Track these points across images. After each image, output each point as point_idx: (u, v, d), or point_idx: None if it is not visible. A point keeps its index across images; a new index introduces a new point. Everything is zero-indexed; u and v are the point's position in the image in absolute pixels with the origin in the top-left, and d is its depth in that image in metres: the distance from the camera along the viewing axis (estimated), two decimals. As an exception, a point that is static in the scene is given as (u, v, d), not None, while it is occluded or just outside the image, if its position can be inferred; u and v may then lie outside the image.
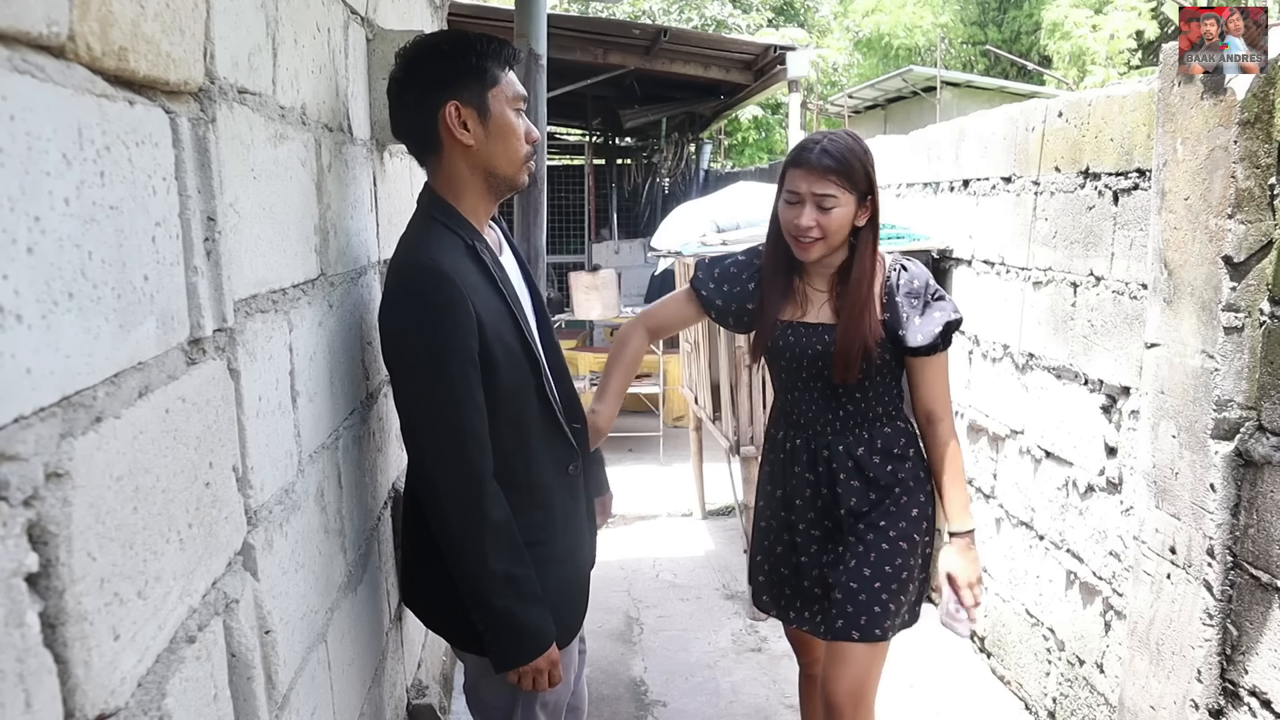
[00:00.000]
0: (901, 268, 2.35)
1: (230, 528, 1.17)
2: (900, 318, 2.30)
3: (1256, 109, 2.15)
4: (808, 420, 2.40)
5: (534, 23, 3.61)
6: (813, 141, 2.23)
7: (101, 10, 0.85)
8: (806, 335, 2.33)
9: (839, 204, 2.20)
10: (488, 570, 1.78)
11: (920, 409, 2.40)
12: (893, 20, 20.49)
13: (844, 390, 2.34)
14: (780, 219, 2.27)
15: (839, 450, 2.37)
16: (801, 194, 2.20)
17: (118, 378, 0.87)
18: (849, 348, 2.26)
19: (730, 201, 5.41)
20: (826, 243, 2.23)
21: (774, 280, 2.36)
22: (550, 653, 1.87)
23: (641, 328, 2.48)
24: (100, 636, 0.81)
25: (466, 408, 1.76)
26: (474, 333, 1.74)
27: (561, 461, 2.00)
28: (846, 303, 2.29)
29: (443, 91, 1.79)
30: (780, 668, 3.83)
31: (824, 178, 2.18)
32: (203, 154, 1.12)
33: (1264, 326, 2.13)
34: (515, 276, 2.00)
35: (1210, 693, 2.30)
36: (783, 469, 2.46)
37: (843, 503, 2.36)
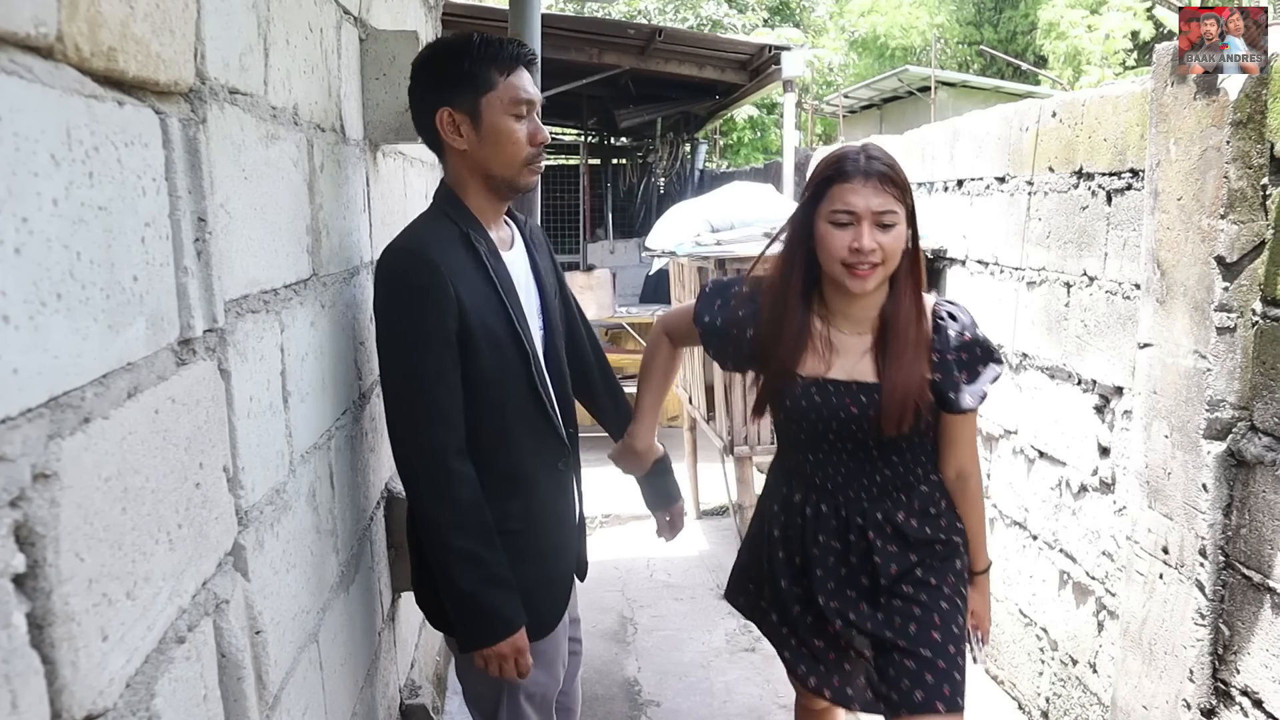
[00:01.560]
0: (949, 316, 2.03)
1: (221, 528, 1.17)
2: (952, 380, 1.99)
3: (1249, 109, 2.15)
4: (836, 485, 2.07)
5: (528, 22, 3.60)
6: (852, 153, 1.92)
7: (90, 11, 0.85)
8: (838, 396, 1.98)
9: (899, 221, 1.89)
10: (452, 548, 1.83)
11: (952, 466, 2.13)
12: (888, 21, 20.51)
13: (879, 453, 2.03)
14: (825, 246, 1.90)
15: (876, 518, 2.06)
16: (857, 211, 1.86)
17: (106, 378, 0.87)
18: (898, 416, 1.95)
19: (724, 201, 5.41)
20: (885, 269, 1.90)
21: (785, 323, 1.99)
22: (516, 639, 1.88)
23: (665, 338, 2.27)
24: (88, 637, 0.81)
25: (437, 387, 1.81)
26: (452, 315, 1.80)
27: (549, 456, 2.00)
28: (892, 357, 1.96)
29: (437, 97, 1.87)
30: (774, 668, 3.83)
31: (882, 190, 1.87)
32: (193, 154, 1.12)
33: (1256, 327, 2.13)
34: (522, 272, 2.01)
35: (1202, 692, 2.31)
36: (801, 536, 2.11)
37: (882, 571, 2.04)
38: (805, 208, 1.96)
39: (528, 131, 1.89)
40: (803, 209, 1.97)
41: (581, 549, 2.21)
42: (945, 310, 2.03)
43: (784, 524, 2.16)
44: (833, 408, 1.98)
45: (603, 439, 2.37)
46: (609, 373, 2.36)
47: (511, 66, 1.86)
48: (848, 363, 2.00)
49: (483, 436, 1.89)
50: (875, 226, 1.86)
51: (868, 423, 1.97)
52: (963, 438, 2.11)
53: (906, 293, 1.98)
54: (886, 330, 1.98)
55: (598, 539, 5.17)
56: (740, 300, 2.06)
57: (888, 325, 1.98)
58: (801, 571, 2.13)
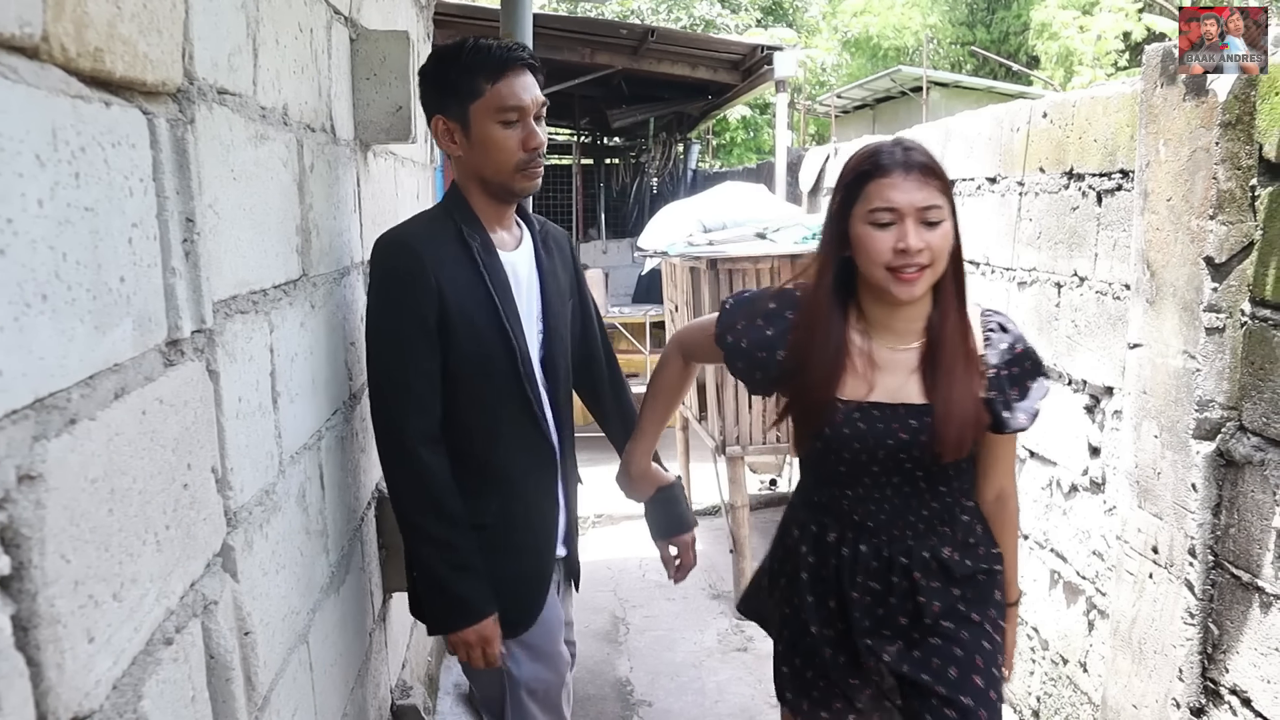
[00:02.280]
0: (1000, 327, 1.86)
1: (209, 529, 1.17)
2: (1004, 397, 1.81)
3: (1238, 110, 2.16)
4: (879, 524, 1.85)
5: (519, 22, 3.60)
6: (886, 146, 1.75)
7: (76, 11, 0.85)
8: (884, 422, 1.78)
9: (945, 217, 1.70)
10: (419, 531, 1.90)
11: (991, 488, 1.96)
12: (881, 21, 20.53)
13: (927, 484, 1.84)
14: (866, 250, 1.70)
15: (922, 557, 1.86)
16: (899, 208, 1.67)
17: (93, 379, 0.87)
18: (955, 440, 1.76)
19: (716, 201, 5.42)
20: (934, 272, 1.72)
21: (821, 340, 1.78)
22: (482, 628, 1.92)
23: (679, 356, 2.07)
24: (74, 639, 0.80)
25: (410, 372, 1.87)
26: (431, 304, 1.85)
27: (531, 455, 2.01)
28: (943, 373, 1.77)
29: (433, 105, 1.94)
30: (765, 667, 3.83)
31: (925, 183, 1.69)
32: (181, 155, 1.12)
33: (1245, 327, 2.14)
34: (525, 273, 2.02)
35: (1192, 691, 2.31)
36: (836, 579, 1.89)
37: (925, 611, 1.86)
38: (838, 210, 1.77)
39: (520, 137, 1.89)
40: (835, 212, 1.78)
41: (573, 554, 2.19)
42: (995, 321, 1.87)
43: (814, 565, 1.93)
44: (879, 435, 1.77)
45: (600, 439, 2.35)
46: (620, 387, 2.32)
47: (498, 74, 1.87)
48: (892, 383, 1.79)
49: (461, 427, 1.94)
50: (920, 224, 1.68)
51: (918, 450, 1.77)
52: (1005, 458, 1.97)
53: (952, 300, 1.79)
54: (934, 343, 1.79)
55: (590, 539, 5.17)
56: (768, 316, 1.84)
57: (935, 338, 1.79)
58: (837, 615, 1.92)
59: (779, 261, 4.32)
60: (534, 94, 1.92)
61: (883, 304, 1.78)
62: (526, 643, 2.02)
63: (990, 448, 1.91)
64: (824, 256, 1.81)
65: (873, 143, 1.80)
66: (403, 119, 2.25)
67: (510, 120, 1.89)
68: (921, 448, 1.77)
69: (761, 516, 5.60)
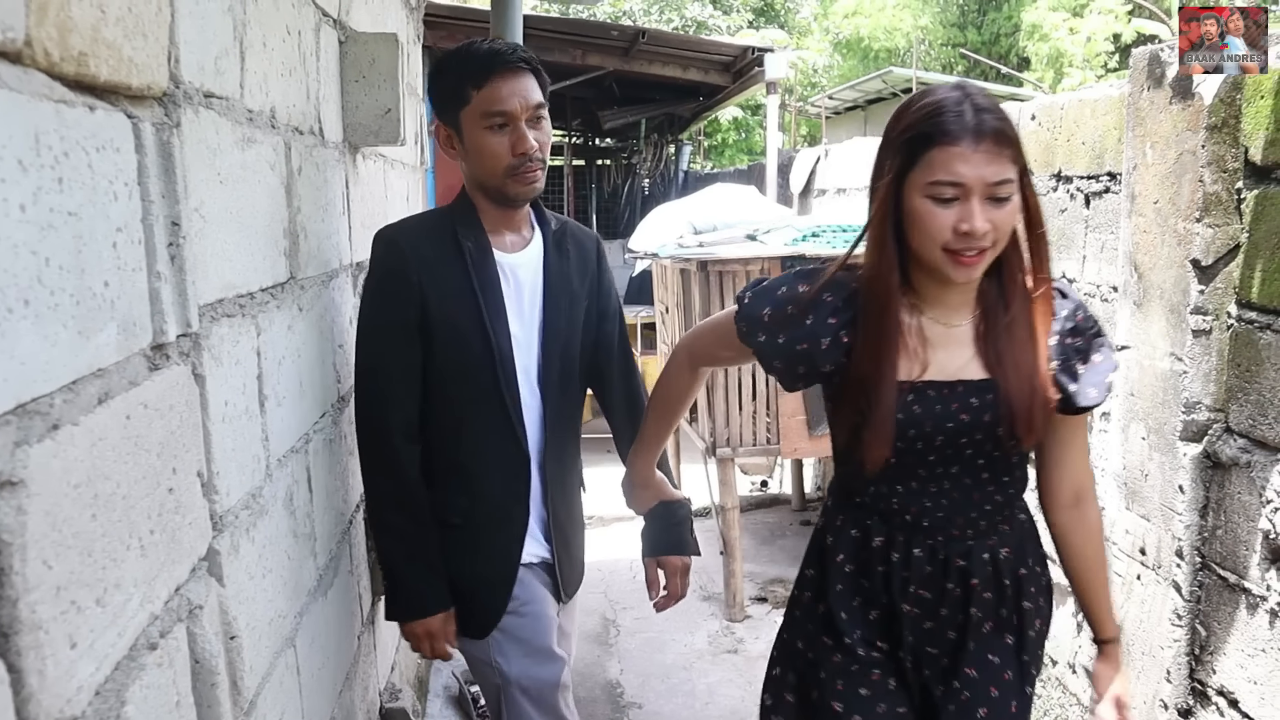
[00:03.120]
0: (1057, 292, 1.65)
1: (194, 533, 1.16)
2: (1069, 368, 1.62)
3: (1223, 114, 2.17)
4: (935, 522, 1.64)
5: (509, 24, 3.60)
6: (952, 103, 1.46)
7: (60, 15, 0.85)
8: (943, 403, 1.58)
9: (1014, 192, 1.48)
10: (384, 522, 1.96)
11: (1067, 485, 1.74)
12: (872, 23, 20.57)
13: (990, 474, 1.64)
14: (922, 227, 1.49)
15: (981, 559, 1.65)
16: (967, 183, 1.44)
17: (76, 385, 0.87)
18: (1028, 414, 1.56)
19: (707, 203, 5.43)
20: (995, 251, 1.52)
21: (881, 321, 1.57)
22: (431, 624, 1.96)
23: (687, 362, 1.86)
24: (56, 645, 0.80)
25: (390, 365, 1.92)
26: (413, 301, 1.88)
27: (504, 460, 1.99)
28: (1006, 342, 1.58)
29: (436, 113, 1.96)
30: (756, 669, 3.83)
31: (997, 153, 1.44)
32: (167, 159, 1.12)
33: (1231, 329, 2.15)
34: (528, 276, 2.00)
35: (1179, 692, 2.32)
36: (884, 586, 1.68)
37: (973, 629, 1.67)
38: (892, 174, 1.52)
39: (509, 142, 1.88)
40: (888, 176, 1.52)
41: (564, 561, 2.12)
42: (1057, 287, 1.66)
43: (853, 575, 1.71)
44: (937, 418, 1.57)
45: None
46: (634, 400, 2.22)
47: (482, 79, 1.86)
48: (949, 359, 1.60)
49: (438, 425, 1.97)
50: (987, 201, 1.45)
51: (982, 432, 1.58)
52: (1078, 446, 1.73)
53: (1013, 265, 1.59)
54: (991, 313, 1.60)
55: (581, 541, 5.17)
56: (803, 304, 1.62)
57: (992, 306, 1.60)
58: (878, 630, 1.71)
59: (769, 263, 4.33)
60: (525, 97, 1.88)
61: (935, 278, 1.57)
62: (516, 637, 2.01)
63: (1059, 435, 1.69)
64: (879, 228, 1.55)
65: (935, 94, 1.50)
66: (392, 121, 2.25)
67: (497, 125, 1.88)
68: (985, 429, 1.58)
69: (752, 518, 5.61)
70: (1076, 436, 1.73)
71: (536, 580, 2.07)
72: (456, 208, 1.99)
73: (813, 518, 5.66)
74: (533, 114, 1.90)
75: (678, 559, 2.20)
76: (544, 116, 1.94)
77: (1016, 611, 1.70)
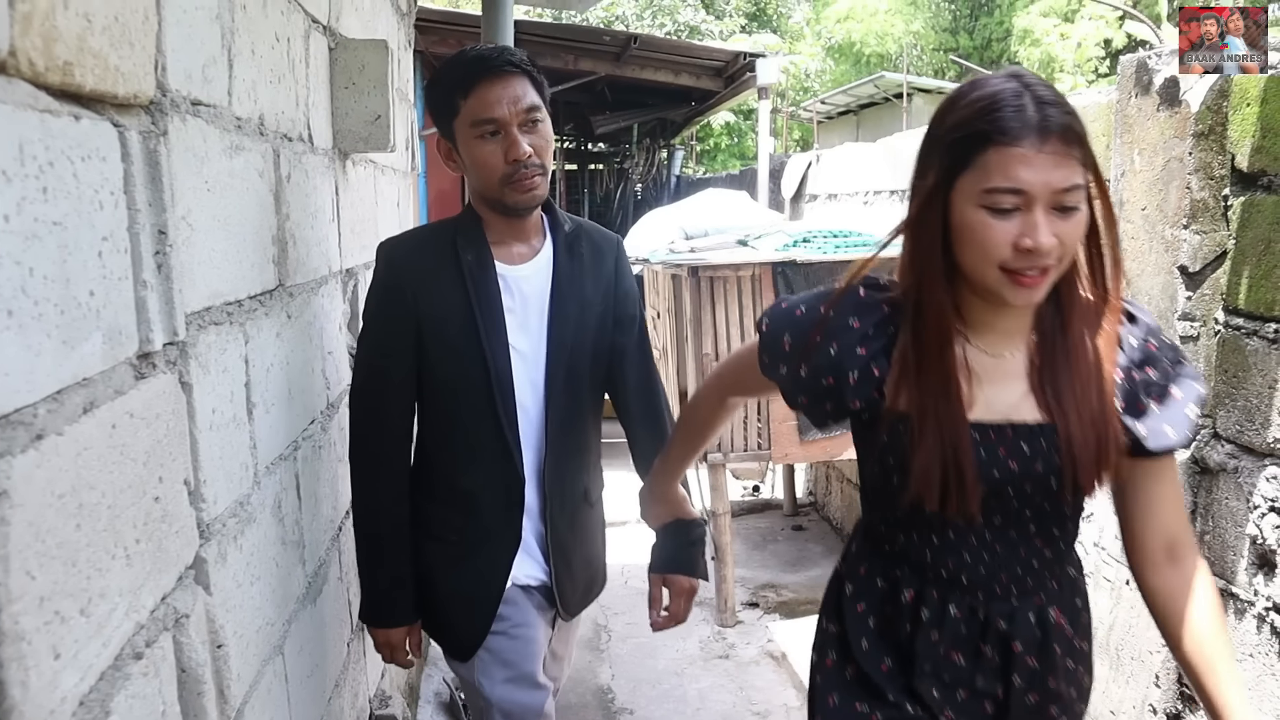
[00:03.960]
0: (1127, 316, 1.39)
1: (181, 542, 1.16)
2: (1139, 407, 1.36)
3: (1210, 121, 2.18)
4: (976, 578, 1.42)
5: (500, 29, 3.61)
6: (1010, 95, 1.23)
7: (45, 25, 0.85)
8: (989, 448, 1.35)
9: (1082, 200, 1.25)
10: (361, 524, 1.96)
11: (1155, 539, 1.42)
12: (864, 28, 20.63)
13: (1039, 526, 1.41)
14: (975, 241, 1.26)
15: (1025, 620, 1.42)
16: (1030, 191, 1.21)
17: (60, 394, 0.86)
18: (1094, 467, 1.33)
19: (698, 209, 5.44)
20: (1060, 270, 1.28)
21: (940, 354, 1.34)
22: (390, 634, 1.97)
23: (716, 395, 1.72)
24: (39, 656, 0.80)
25: (380, 379, 1.89)
26: (406, 315, 1.86)
27: (497, 481, 1.92)
28: (1068, 380, 1.34)
29: (434, 126, 1.92)
30: (747, 675, 3.84)
31: (1065, 155, 1.22)
32: (153, 167, 1.12)
33: (1219, 336, 2.16)
34: (535, 288, 1.93)
35: (1168, 697, 2.33)
36: (911, 647, 1.47)
37: (1013, 703, 1.44)
38: (937, 178, 1.29)
39: (501, 149, 1.81)
40: (932, 182, 1.30)
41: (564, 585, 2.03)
42: (1124, 309, 1.40)
43: (876, 631, 1.51)
44: (982, 465, 1.34)
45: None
46: (654, 408, 2.12)
47: (469, 87, 1.81)
48: (997, 396, 1.37)
49: (432, 442, 1.96)
50: (1052, 211, 1.23)
51: (1032, 483, 1.36)
52: (1166, 493, 1.42)
53: (1073, 282, 1.35)
54: (1050, 343, 1.37)
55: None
56: (828, 329, 1.41)
57: (1051, 335, 1.37)
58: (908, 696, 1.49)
59: (760, 269, 4.33)
60: (515, 101, 1.81)
61: (985, 302, 1.35)
62: (501, 659, 1.96)
63: (1141, 481, 1.41)
64: (924, 241, 1.32)
65: (988, 84, 1.27)
66: (381, 128, 2.25)
67: (488, 133, 1.81)
68: (1037, 480, 1.35)
69: (744, 523, 5.61)
70: (1163, 482, 1.42)
71: (529, 602, 2.01)
72: (461, 220, 1.94)
73: (804, 522, 5.66)
74: (525, 118, 1.81)
75: (685, 580, 2.08)
76: (540, 120, 1.85)
77: (1071, 683, 1.47)
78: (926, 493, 1.35)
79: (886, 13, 20.77)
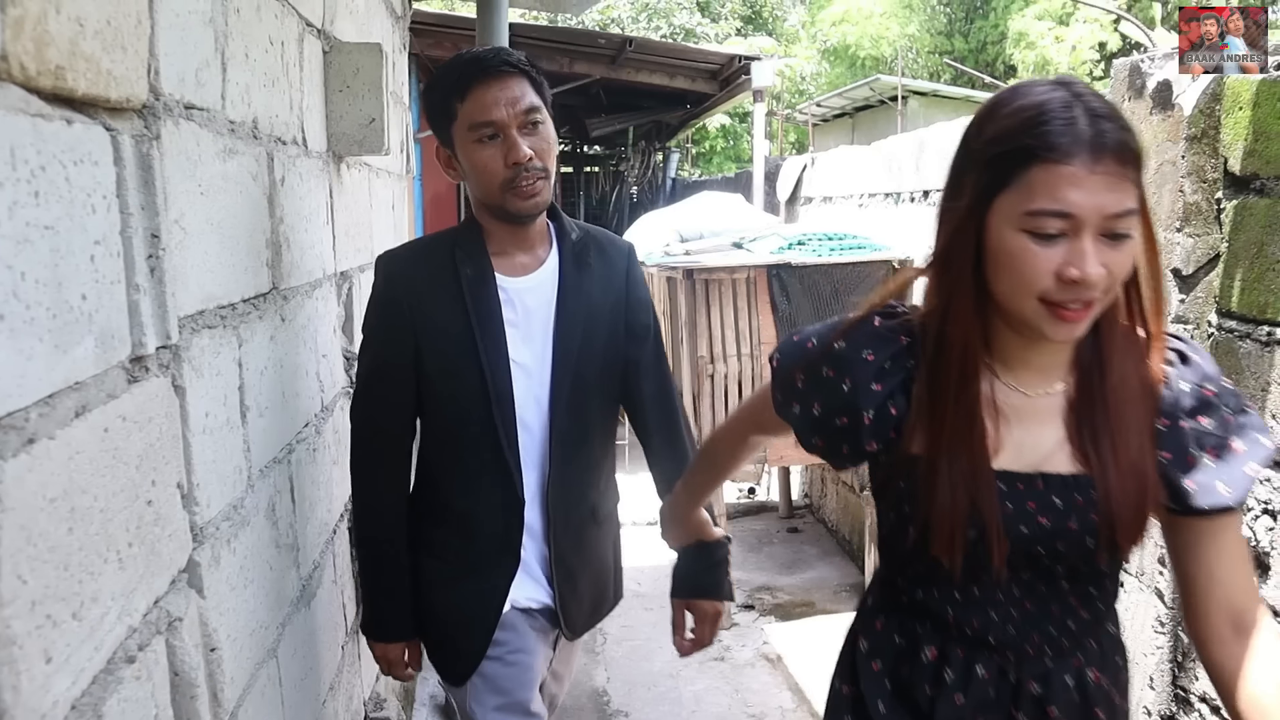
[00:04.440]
0: (1179, 356, 1.24)
1: (174, 545, 1.16)
2: (1187, 460, 1.20)
3: (1203, 124, 2.18)
4: (1005, 638, 1.27)
5: (495, 32, 3.61)
6: (1058, 106, 1.09)
7: (37, 30, 0.85)
8: (1017, 499, 1.22)
9: (1134, 227, 1.11)
10: (360, 537, 1.93)
11: (1219, 609, 1.22)
12: (859, 31, 20.67)
13: (1072, 584, 1.27)
14: (1014, 270, 1.12)
15: (1062, 684, 1.28)
16: (1079, 214, 1.07)
17: (52, 398, 0.87)
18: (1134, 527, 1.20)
19: (693, 211, 5.45)
20: (1105, 303, 1.15)
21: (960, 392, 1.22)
22: (387, 649, 1.93)
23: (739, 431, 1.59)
24: (31, 660, 0.80)
25: (376, 390, 1.85)
26: (404, 331, 1.80)
27: (497, 505, 1.85)
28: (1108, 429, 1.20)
29: (433, 132, 1.84)
30: (742, 677, 3.84)
31: (1121, 177, 1.08)
32: (146, 171, 1.12)
33: (1212, 338, 2.16)
34: (540, 301, 1.85)
35: (1163, 699, 2.33)
36: (932, 710, 1.31)
37: None
38: (973, 196, 1.15)
39: (501, 153, 1.73)
40: (968, 200, 1.16)
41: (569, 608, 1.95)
42: (1173, 348, 1.24)
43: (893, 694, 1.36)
44: (1010, 519, 1.21)
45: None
46: (671, 424, 2.03)
47: (464, 89, 1.73)
48: (1029, 441, 1.24)
49: (432, 461, 1.90)
50: (1101, 238, 1.09)
51: (1065, 540, 1.22)
52: (1229, 555, 1.22)
53: (1114, 314, 1.21)
54: (1091, 384, 1.23)
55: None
56: (840, 363, 1.29)
57: (1092, 375, 1.23)
58: None
59: (755, 271, 4.34)
60: (513, 102, 1.73)
61: (1020, 335, 1.22)
62: (495, 685, 1.89)
63: (1198, 543, 1.22)
64: (957, 269, 1.19)
65: (1032, 92, 1.13)
66: (375, 131, 2.25)
67: (486, 136, 1.73)
68: (1070, 538, 1.22)
69: (739, 525, 5.61)
70: (1224, 544, 1.22)
71: (529, 626, 1.93)
72: (461, 231, 1.87)
73: (800, 525, 5.67)
74: (524, 120, 1.73)
75: (709, 605, 1.97)
76: (541, 121, 1.77)
77: None
78: (944, 548, 1.22)
79: (882, 16, 20.81)
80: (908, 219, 4.31)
